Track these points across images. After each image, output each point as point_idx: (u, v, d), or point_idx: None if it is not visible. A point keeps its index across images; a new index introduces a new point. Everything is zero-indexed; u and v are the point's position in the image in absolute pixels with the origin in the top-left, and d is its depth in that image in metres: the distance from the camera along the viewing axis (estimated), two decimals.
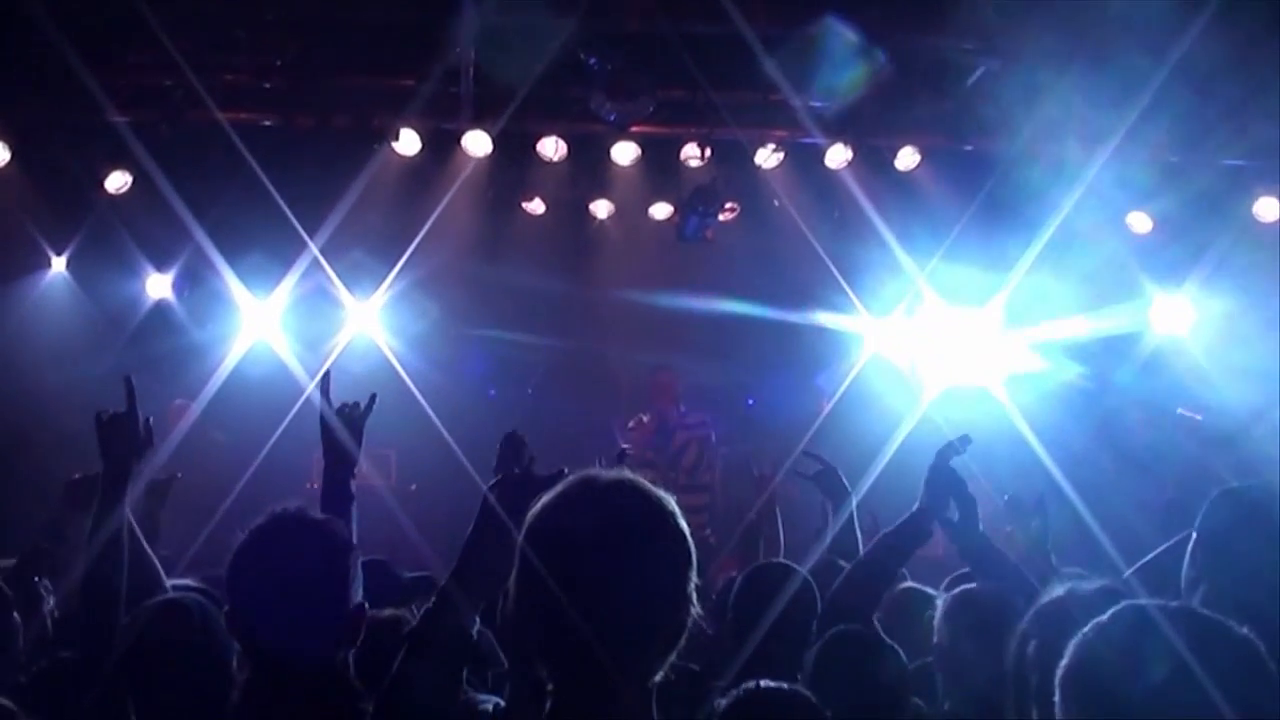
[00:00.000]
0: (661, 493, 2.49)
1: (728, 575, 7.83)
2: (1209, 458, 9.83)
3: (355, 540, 3.77)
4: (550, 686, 2.44)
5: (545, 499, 2.50)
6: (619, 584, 2.36)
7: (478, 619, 2.99)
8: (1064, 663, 2.43)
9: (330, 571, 3.37)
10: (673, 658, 2.44)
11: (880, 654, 4.30)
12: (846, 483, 6.64)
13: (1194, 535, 4.12)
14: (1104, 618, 2.41)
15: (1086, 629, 2.41)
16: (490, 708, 3.73)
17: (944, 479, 4.63)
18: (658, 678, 2.43)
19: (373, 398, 4.74)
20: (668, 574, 2.41)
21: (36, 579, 5.00)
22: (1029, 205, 10.50)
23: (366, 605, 3.45)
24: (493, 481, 3.06)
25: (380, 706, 2.80)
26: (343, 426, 4.62)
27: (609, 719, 2.40)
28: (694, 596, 2.44)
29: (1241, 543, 3.95)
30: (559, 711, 2.43)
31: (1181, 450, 10.71)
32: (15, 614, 4.53)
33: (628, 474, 2.53)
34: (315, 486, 11.90)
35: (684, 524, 2.47)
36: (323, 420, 4.64)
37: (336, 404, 4.71)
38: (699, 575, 2.46)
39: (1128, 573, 4.72)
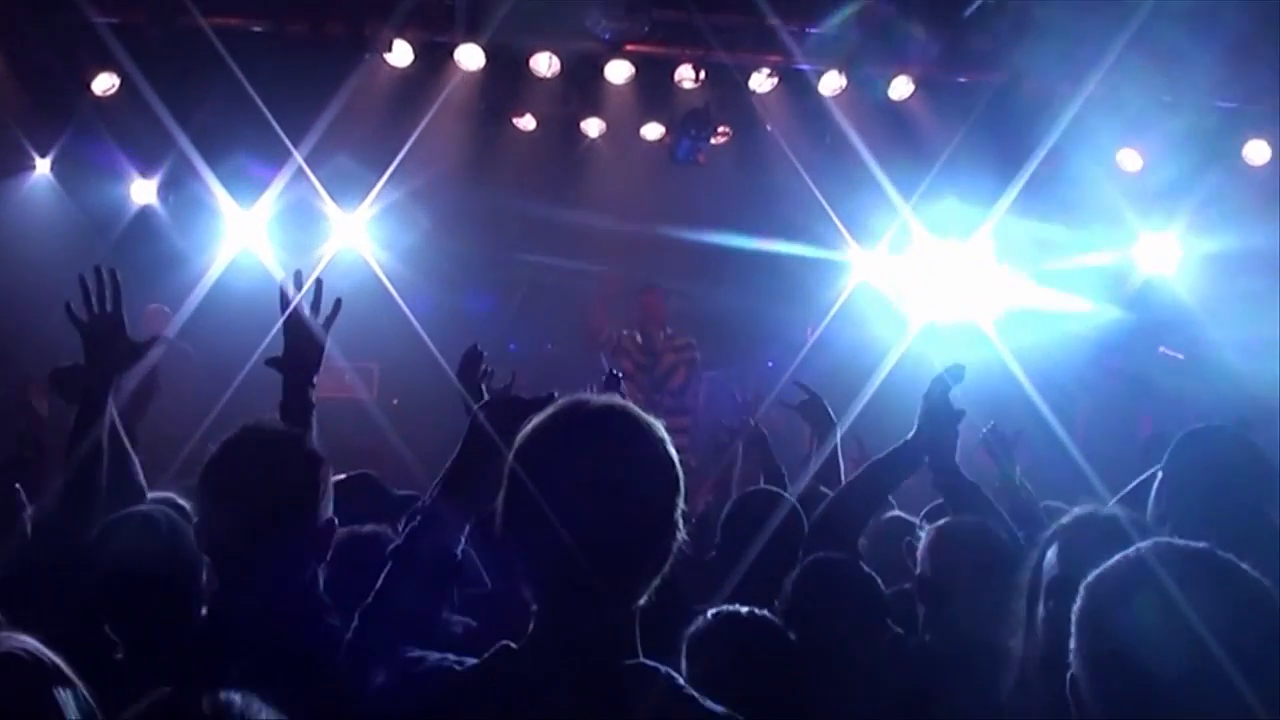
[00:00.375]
0: (650, 418, 2.50)
1: (705, 498, 7.90)
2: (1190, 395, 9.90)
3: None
4: (534, 607, 2.45)
5: (535, 421, 2.51)
6: (607, 507, 2.37)
7: (462, 538, 2.99)
8: (1084, 599, 2.41)
9: (298, 486, 3.34)
10: (657, 582, 2.45)
11: (857, 581, 4.31)
12: (832, 413, 6.66)
13: (1159, 474, 4.15)
14: (1131, 553, 2.38)
15: (1111, 564, 2.37)
16: (459, 630, 3.76)
17: (941, 409, 4.63)
18: (641, 601, 2.45)
19: (338, 302, 4.44)
20: (656, 499, 2.43)
21: (15, 486, 4.92)
22: (1021, 139, 10.50)
23: (335, 520, 3.43)
24: (483, 402, 3.06)
25: (363, 621, 2.79)
26: (308, 328, 4.37)
27: (592, 640, 2.41)
28: (681, 522, 2.45)
29: (1204, 484, 3.99)
30: (542, 632, 2.44)
31: (1163, 387, 10.78)
32: None
33: (618, 399, 2.56)
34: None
35: (673, 450, 2.49)
36: (288, 320, 4.37)
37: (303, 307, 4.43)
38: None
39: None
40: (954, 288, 11.43)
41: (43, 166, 11.51)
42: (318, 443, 3.66)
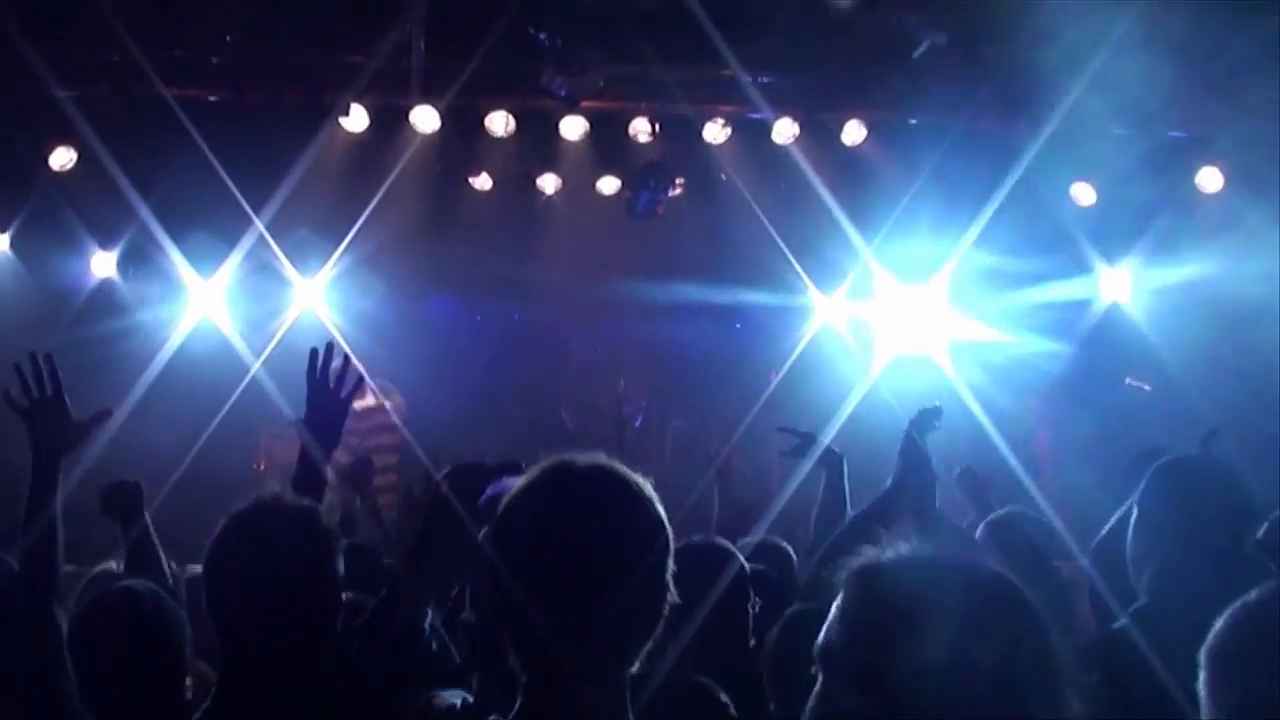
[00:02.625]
0: (638, 478, 2.40)
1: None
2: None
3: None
4: (523, 680, 2.35)
5: (519, 486, 2.41)
6: (598, 581, 2.28)
7: (428, 612, 2.96)
8: (1217, 636, 2.41)
9: (313, 559, 3.29)
10: (649, 647, 2.36)
11: None
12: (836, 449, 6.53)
13: (1135, 511, 4.15)
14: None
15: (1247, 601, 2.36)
16: (457, 703, 3.72)
17: (919, 455, 4.61)
18: (634, 669, 2.36)
19: (360, 378, 4.39)
20: (649, 567, 2.33)
21: None
22: (975, 178, 10.57)
23: (345, 595, 3.38)
24: (445, 470, 2.97)
25: (331, 699, 2.75)
26: (335, 401, 4.31)
27: (586, 713, 2.32)
28: (671, 584, 2.37)
29: (1182, 524, 3.97)
30: (531, 704, 2.34)
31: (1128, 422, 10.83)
32: None
33: (603, 459, 2.43)
34: (262, 467, 11.97)
35: (662, 510, 2.39)
36: (317, 392, 4.32)
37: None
38: None
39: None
40: (915, 327, 11.48)
41: (1, 242, 11.47)
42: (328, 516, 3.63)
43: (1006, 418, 8.69)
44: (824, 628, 2.33)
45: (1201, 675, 2.38)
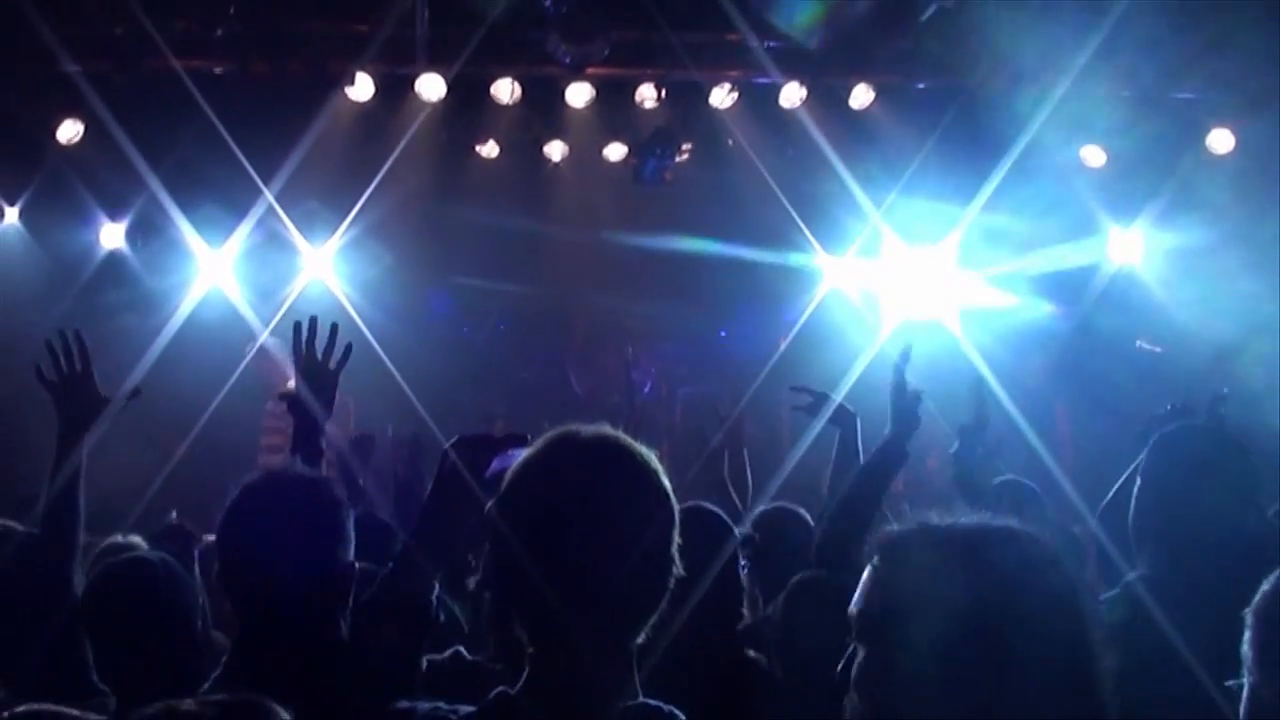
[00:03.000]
0: (643, 449, 2.42)
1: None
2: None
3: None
4: (530, 650, 2.37)
5: (524, 458, 2.42)
6: (603, 552, 2.30)
7: (436, 584, 2.96)
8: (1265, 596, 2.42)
9: (324, 529, 3.28)
10: (654, 619, 2.38)
11: (846, 598, 4.25)
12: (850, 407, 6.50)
13: (1138, 480, 4.13)
14: None
15: None
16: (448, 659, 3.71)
17: (907, 398, 4.62)
18: (640, 640, 2.38)
19: (348, 347, 4.39)
20: (653, 539, 2.34)
21: None
22: (983, 142, 10.54)
23: (357, 564, 3.36)
24: (452, 440, 2.97)
25: (340, 670, 2.75)
26: (323, 371, 4.33)
27: (591, 684, 2.34)
28: (677, 557, 2.39)
29: (1185, 492, 3.94)
30: (538, 676, 2.36)
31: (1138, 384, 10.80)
32: None
33: (608, 430, 2.45)
34: (269, 440, 12.01)
35: (667, 482, 2.40)
36: (306, 363, 4.33)
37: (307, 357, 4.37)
38: None
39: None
40: (925, 291, 11.46)
41: (11, 215, 11.50)
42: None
43: (1018, 383, 8.65)
44: (860, 598, 2.32)
45: (1247, 635, 2.38)
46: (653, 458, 2.41)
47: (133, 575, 3.97)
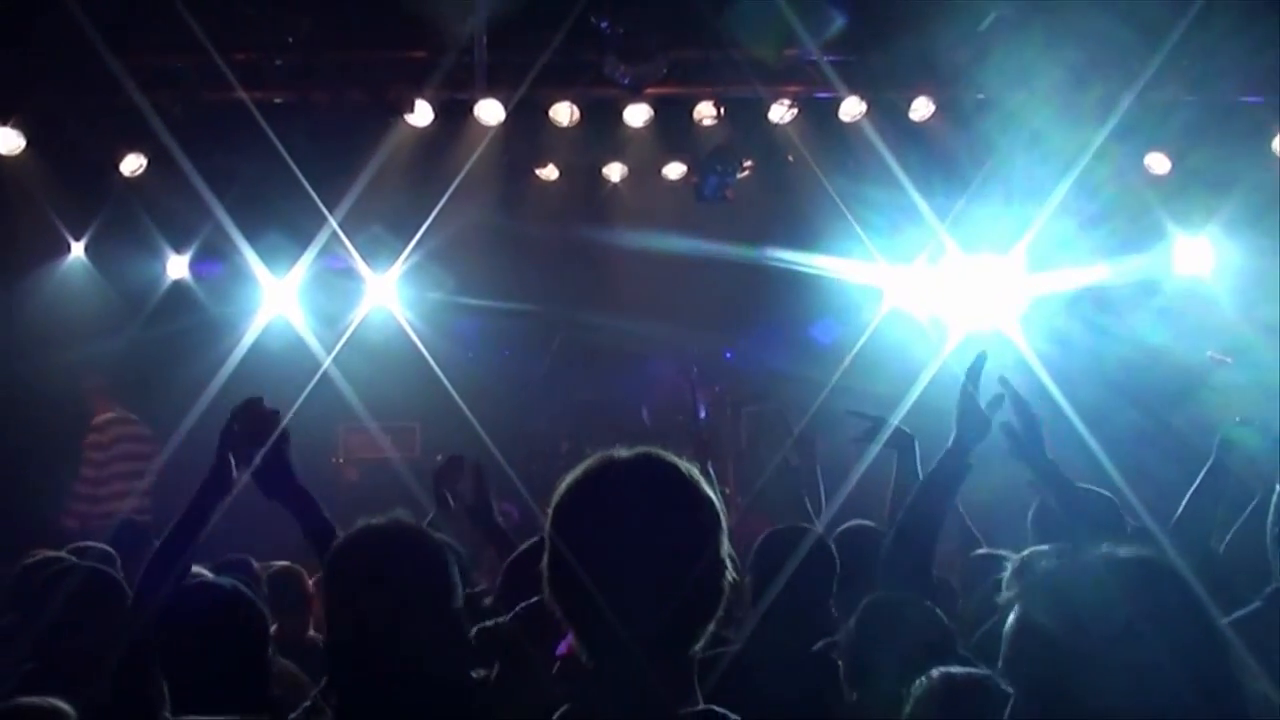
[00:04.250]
0: (683, 461, 2.45)
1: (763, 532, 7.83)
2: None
3: None
4: (590, 665, 2.38)
5: (567, 481, 2.45)
6: (651, 565, 2.32)
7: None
8: None
9: (440, 581, 3.28)
10: (712, 626, 2.39)
11: (919, 621, 4.20)
12: (907, 430, 6.46)
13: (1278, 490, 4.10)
14: None
15: None
16: None
17: (974, 410, 4.56)
18: (698, 646, 2.39)
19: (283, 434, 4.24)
20: (700, 546, 2.36)
21: None
22: (1045, 151, 10.45)
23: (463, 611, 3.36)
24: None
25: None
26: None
27: (650, 695, 2.34)
28: (728, 561, 2.40)
29: None
30: (599, 691, 2.38)
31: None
32: None
33: (647, 449, 2.47)
34: (340, 461, 12.08)
35: (708, 489, 2.42)
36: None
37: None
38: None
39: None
40: (987, 304, 11.36)
41: (77, 249, 11.64)
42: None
43: (1085, 397, 8.54)
44: (1009, 644, 2.42)
45: None
46: (693, 469, 2.44)
47: (201, 601, 3.97)
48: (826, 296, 12.21)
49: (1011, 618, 2.37)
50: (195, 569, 5.47)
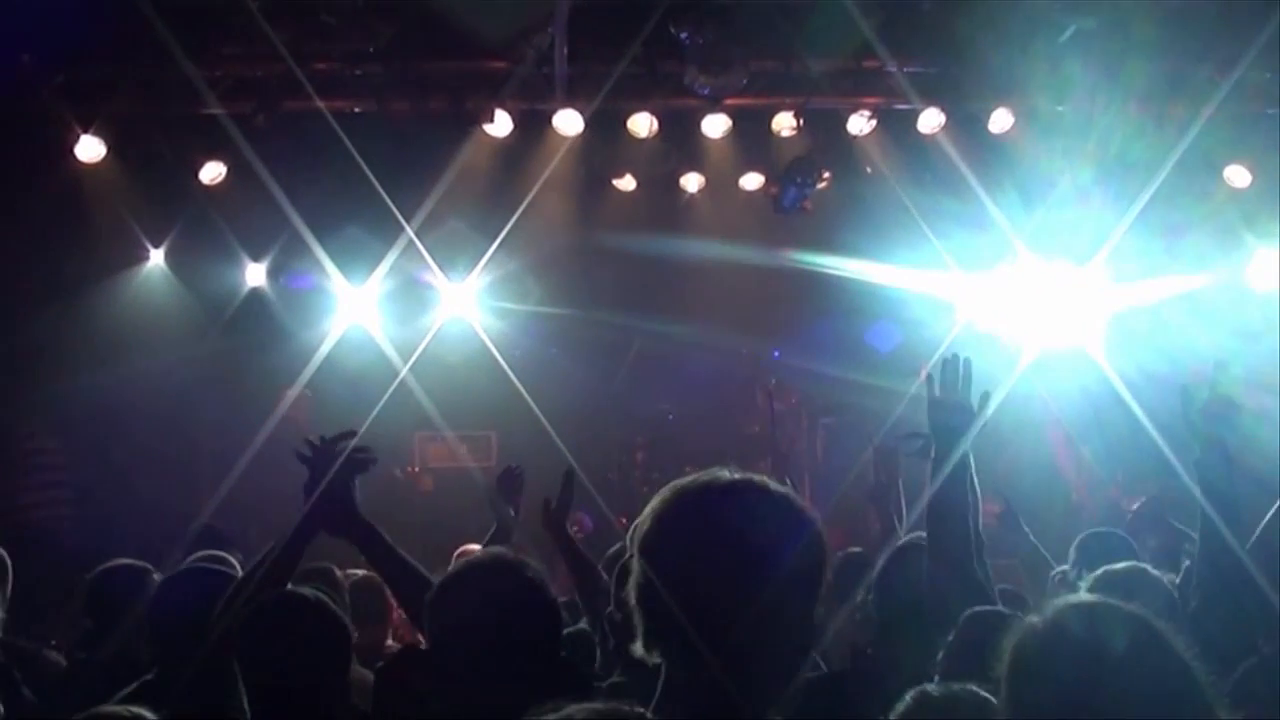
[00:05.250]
0: (786, 490, 2.38)
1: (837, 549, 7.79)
2: None
3: None
4: (679, 680, 2.34)
5: (669, 503, 2.39)
6: (747, 587, 2.26)
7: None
8: None
9: (542, 618, 3.30)
10: (807, 667, 2.35)
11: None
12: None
13: None
14: None
15: None
16: None
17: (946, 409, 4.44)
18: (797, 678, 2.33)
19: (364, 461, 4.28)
20: (805, 590, 2.32)
21: None
22: (1125, 164, 10.35)
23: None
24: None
25: None
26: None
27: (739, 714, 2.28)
28: (823, 585, 2.35)
29: None
30: (689, 707, 2.32)
31: None
32: None
33: (753, 478, 2.40)
34: (416, 470, 12.14)
35: (810, 516, 2.37)
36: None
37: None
38: None
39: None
40: (1066, 318, 11.25)
41: (156, 256, 11.75)
42: None
43: (1166, 416, 8.42)
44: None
45: None
46: (797, 497, 2.39)
47: (285, 612, 3.99)
48: (900, 308, 12.13)
49: None
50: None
